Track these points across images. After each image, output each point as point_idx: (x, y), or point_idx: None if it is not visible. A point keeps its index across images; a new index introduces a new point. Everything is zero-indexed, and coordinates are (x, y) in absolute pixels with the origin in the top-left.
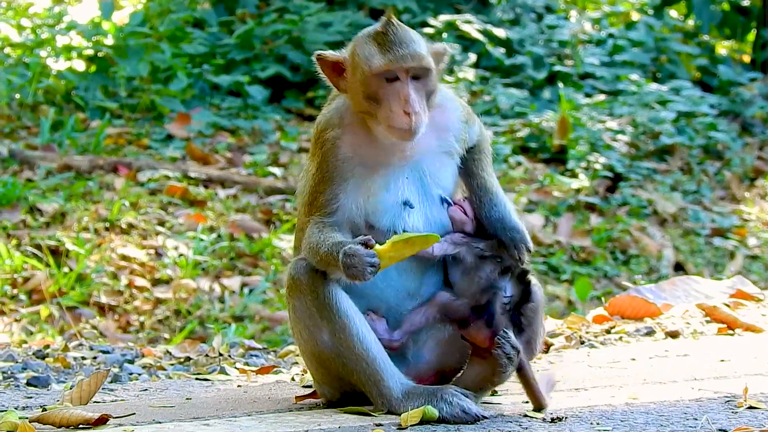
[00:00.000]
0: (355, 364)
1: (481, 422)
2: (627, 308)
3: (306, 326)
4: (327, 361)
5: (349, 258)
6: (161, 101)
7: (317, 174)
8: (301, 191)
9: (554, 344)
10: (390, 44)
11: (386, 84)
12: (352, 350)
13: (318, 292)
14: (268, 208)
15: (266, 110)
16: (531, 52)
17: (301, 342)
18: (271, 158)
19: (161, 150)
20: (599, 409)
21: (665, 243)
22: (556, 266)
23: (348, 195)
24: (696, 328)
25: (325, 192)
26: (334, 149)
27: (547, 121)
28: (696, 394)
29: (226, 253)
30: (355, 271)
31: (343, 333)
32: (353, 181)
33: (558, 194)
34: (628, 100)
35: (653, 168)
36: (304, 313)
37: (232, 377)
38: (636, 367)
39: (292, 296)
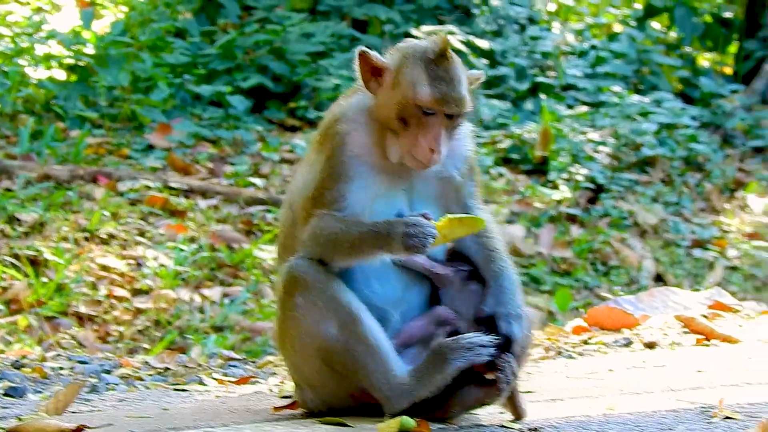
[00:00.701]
0: (364, 354)
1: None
2: (605, 319)
3: (311, 322)
4: (332, 355)
5: (412, 228)
6: (142, 111)
7: (325, 168)
8: (304, 185)
9: (532, 355)
10: (440, 81)
11: (422, 115)
12: (363, 340)
13: (324, 286)
14: (249, 218)
15: (248, 120)
16: (513, 64)
17: (300, 342)
18: (253, 169)
19: (142, 160)
20: (576, 420)
21: (645, 254)
22: (537, 277)
23: (355, 195)
24: (673, 339)
25: (333, 189)
26: (344, 144)
27: (529, 133)
28: (672, 405)
29: (207, 263)
30: (416, 241)
31: (354, 325)
32: (359, 182)
33: (539, 205)
34: (610, 111)
35: (634, 179)
36: (308, 309)
37: (210, 388)
38: (613, 377)
39: (293, 294)
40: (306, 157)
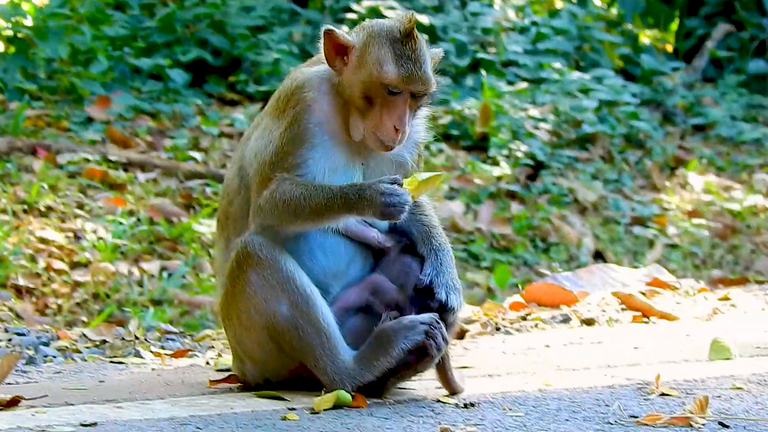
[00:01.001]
0: (313, 337)
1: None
2: (543, 295)
3: (263, 299)
4: (281, 334)
5: (389, 197)
6: (81, 84)
7: (286, 133)
8: (260, 150)
9: (470, 331)
10: (406, 60)
11: (387, 94)
12: (314, 323)
13: (279, 264)
14: (188, 192)
15: (187, 94)
16: (454, 39)
17: (248, 316)
18: (192, 142)
19: (81, 133)
20: (512, 395)
21: (585, 231)
22: (476, 253)
23: (316, 162)
24: (611, 316)
25: (295, 153)
26: (308, 111)
27: (469, 109)
28: (609, 381)
29: (146, 236)
30: (394, 210)
31: (306, 305)
32: (321, 150)
33: (479, 182)
34: (551, 88)
35: (574, 156)
36: (261, 286)
37: (147, 361)
38: (550, 353)
39: (246, 269)
40: (260, 123)
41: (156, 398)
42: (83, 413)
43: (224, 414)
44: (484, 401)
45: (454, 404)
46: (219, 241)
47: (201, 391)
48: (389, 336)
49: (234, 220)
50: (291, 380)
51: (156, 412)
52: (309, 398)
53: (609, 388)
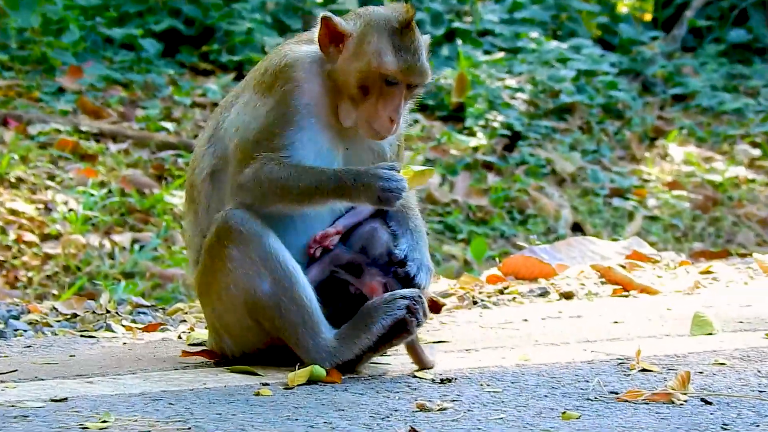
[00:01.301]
0: (295, 314)
1: (370, 382)
2: (521, 268)
3: (244, 275)
4: (261, 311)
5: (387, 182)
6: (53, 54)
7: (273, 112)
8: (243, 126)
9: (446, 304)
10: (405, 51)
11: (384, 84)
12: (296, 301)
13: (261, 240)
14: (161, 163)
15: (159, 64)
16: (429, 9)
17: (228, 292)
18: (164, 113)
19: (52, 103)
20: (490, 370)
21: (563, 203)
22: (453, 225)
23: (303, 145)
24: (590, 290)
25: (282, 134)
26: (298, 92)
27: (445, 79)
28: (588, 356)
29: (117, 208)
30: (391, 196)
31: (288, 282)
32: (307, 133)
33: (455, 152)
34: (528, 57)
35: (552, 127)
36: (242, 261)
37: (118, 334)
38: (528, 328)
39: (226, 244)
40: (240, 95)
41: (127, 373)
42: (53, 388)
43: (196, 389)
44: (461, 376)
45: (431, 379)
46: (188, 214)
47: (173, 365)
48: (370, 313)
49: (201, 192)
50: (268, 352)
51: (127, 387)
52: (283, 373)
53: (588, 364)
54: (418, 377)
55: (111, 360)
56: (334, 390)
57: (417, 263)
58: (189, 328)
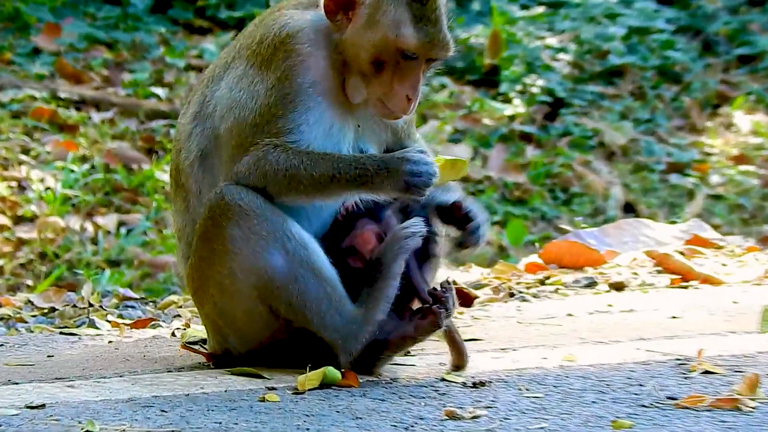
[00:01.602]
0: (317, 287)
1: (392, 386)
2: (565, 255)
3: (251, 254)
4: (276, 291)
5: (415, 165)
6: (27, 9)
7: (274, 92)
8: (238, 105)
9: (479, 297)
10: (427, 22)
11: (401, 59)
12: (316, 272)
13: (265, 212)
14: (150, 134)
15: (149, 21)
16: None
17: (232, 280)
18: (155, 77)
19: (26, 66)
20: (529, 373)
21: (613, 180)
22: (486, 206)
23: (310, 128)
24: (644, 280)
25: (286, 117)
26: (302, 68)
27: (476, 37)
28: (642, 356)
29: (101, 186)
30: (419, 182)
31: (304, 251)
32: (314, 113)
33: (489, 122)
34: (572, 13)
35: (600, 92)
36: (246, 240)
37: (102, 332)
38: (573, 324)
39: (225, 225)
40: (232, 65)
41: (113, 376)
42: (29, 393)
43: (193, 395)
44: (496, 380)
45: (461, 383)
46: (176, 201)
47: (166, 367)
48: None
49: (190, 177)
50: (276, 349)
51: (113, 392)
52: (292, 376)
53: (643, 365)
54: (447, 380)
55: (95, 361)
56: (351, 395)
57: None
58: (184, 324)
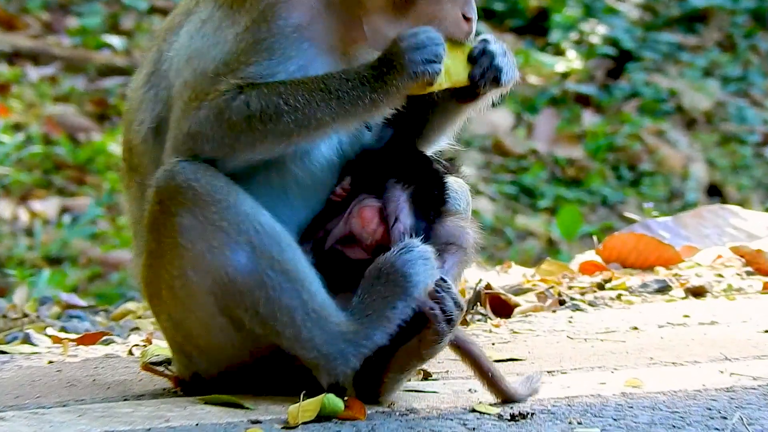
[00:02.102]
0: (290, 294)
1: (408, 418)
2: (630, 252)
3: (205, 250)
4: (238, 297)
5: (413, 38)
6: None
7: (247, 36)
8: (199, 52)
9: (521, 305)
10: None
11: None
12: (290, 273)
13: (226, 197)
14: (102, 96)
15: None
16: None
17: (185, 282)
18: (108, 22)
19: None
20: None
21: (694, 155)
22: (531, 187)
23: (290, 77)
24: (731, 283)
25: (259, 64)
26: (280, 11)
27: None
28: (727, 381)
29: (39, 163)
30: (425, 54)
31: (276, 248)
32: (296, 62)
33: (535, 81)
34: None
35: (678, 43)
36: (200, 231)
37: (40, 349)
38: (639, 340)
39: (175, 213)
40: (194, 9)
41: (55, 405)
42: None
43: (156, 429)
44: (540, 410)
45: (497, 415)
46: (129, 187)
47: (122, 394)
48: (388, 272)
49: (143, 155)
50: (257, 370)
51: (55, 425)
52: (281, 405)
53: (727, 392)
54: (478, 411)
55: (31, 386)
56: (356, 430)
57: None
58: (144, 339)
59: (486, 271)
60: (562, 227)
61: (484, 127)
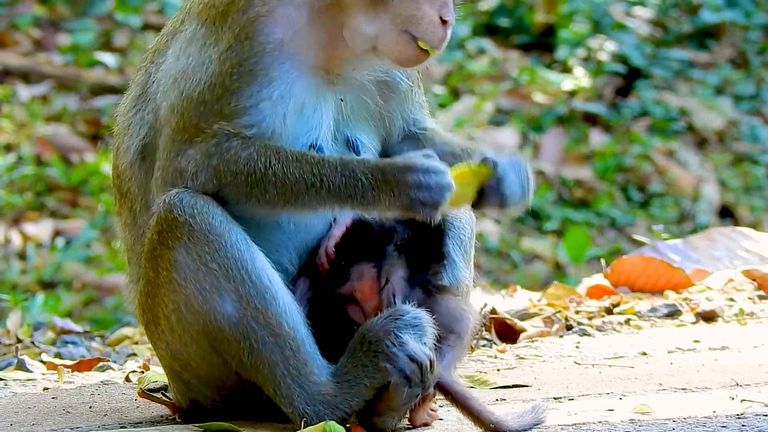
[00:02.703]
0: (273, 349)
1: None
2: (639, 275)
3: (198, 291)
4: (224, 344)
5: (424, 175)
6: None
7: (230, 56)
8: (184, 76)
9: (527, 330)
10: None
11: None
12: (274, 328)
13: (223, 239)
14: (96, 115)
15: None
16: None
17: (179, 316)
18: (101, 40)
19: None
20: (590, 429)
21: (705, 175)
22: (538, 209)
23: (273, 106)
24: (743, 308)
25: (242, 92)
26: (266, 21)
27: None
28: (738, 408)
29: (31, 184)
30: (428, 199)
31: (261, 300)
32: (279, 85)
33: (541, 99)
34: None
35: (689, 60)
36: (196, 271)
37: (35, 375)
38: (648, 365)
39: (171, 246)
40: (181, 29)
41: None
42: None
43: None
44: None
45: None
46: (120, 212)
47: (119, 421)
48: (380, 340)
49: (132, 180)
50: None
51: None
52: None
53: (738, 419)
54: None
55: (25, 414)
56: None
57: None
58: (142, 365)
59: (491, 294)
60: (569, 250)
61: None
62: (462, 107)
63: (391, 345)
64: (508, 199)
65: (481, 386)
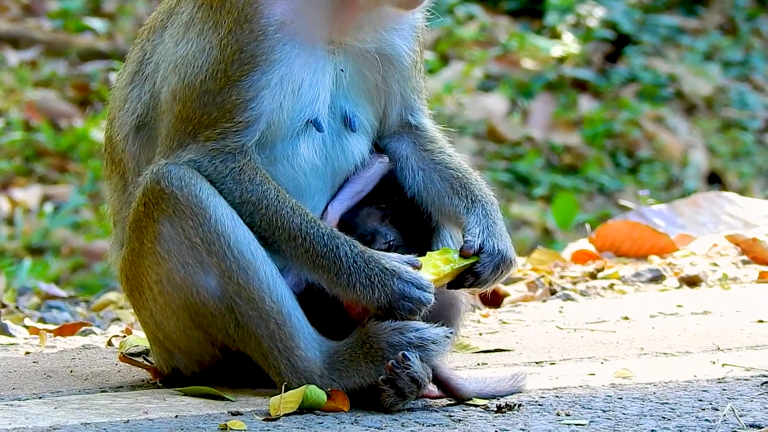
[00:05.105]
0: (257, 323)
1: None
2: (624, 240)
3: (179, 265)
4: (208, 318)
5: (407, 286)
6: None
7: (231, 41)
8: (186, 61)
9: (510, 295)
10: None
11: None
12: (257, 303)
13: (207, 213)
14: (84, 81)
15: None
16: None
17: (162, 289)
18: (90, 5)
19: None
20: (571, 393)
21: (694, 141)
22: (526, 174)
23: (271, 92)
24: (726, 272)
25: (243, 83)
26: (261, 7)
27: None
28: (718, 372)
29: (19, 150)
30: (405, 306)
31: (244, 277)
32: (280, 69)
33: (530, 65)
34: None
35: (678, 26)
36: (180, 245)
37: (17, 340)
38: (630, 330)
39: (156, 218)
40: (177, 14)
41: (31, 397)
42: None
43: (134, 421)
44: (527, 402)
45: (483, 407)
46: (110, 178)
47: (99, 386)
48: (381, 348)
49: (125, 152)
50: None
51: (32, 417)
52: (262, 397)
53: (719, 383)
54: (464, 403)
55: (7, 378)
56: (339, 422)
57: (496, 258)
58: (124, 330)
59: None
60: (557, 216)
61: (478, 113)
62: (451, 73)
63: (397, 365)
64: (482, 285)
65: (463, 350)
